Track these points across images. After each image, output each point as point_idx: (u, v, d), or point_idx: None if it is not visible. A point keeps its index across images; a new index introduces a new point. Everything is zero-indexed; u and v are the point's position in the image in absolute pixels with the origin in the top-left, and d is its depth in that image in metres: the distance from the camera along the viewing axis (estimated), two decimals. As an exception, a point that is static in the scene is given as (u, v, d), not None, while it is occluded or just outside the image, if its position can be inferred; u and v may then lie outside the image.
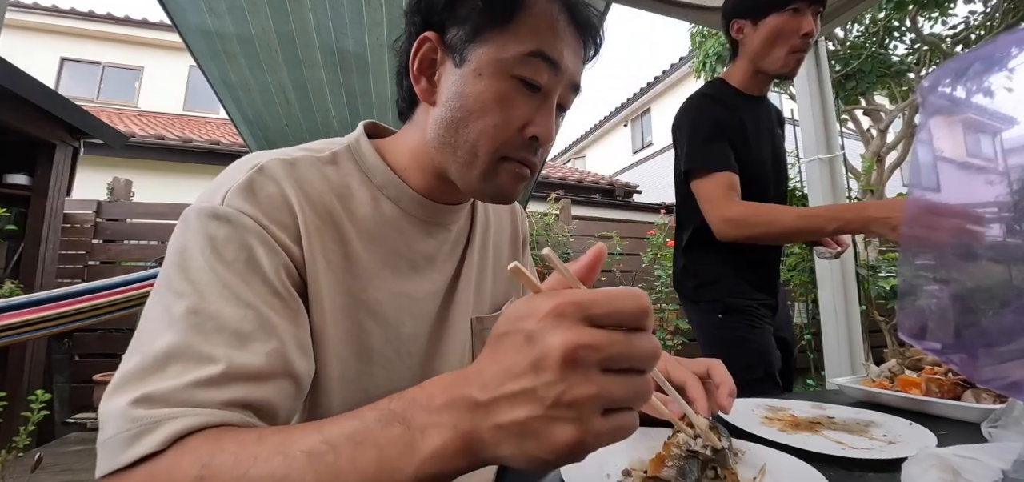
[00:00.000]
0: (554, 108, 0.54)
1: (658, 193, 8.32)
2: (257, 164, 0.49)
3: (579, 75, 0.56)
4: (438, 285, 0.61)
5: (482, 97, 0.51)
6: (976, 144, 0.58)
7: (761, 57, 1.25)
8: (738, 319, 1.26)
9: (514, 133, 0.52)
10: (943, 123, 0.59)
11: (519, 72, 0.51)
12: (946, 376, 0.78)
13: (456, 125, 0.53)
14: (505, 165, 0.54)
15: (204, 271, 0.42)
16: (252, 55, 2.43)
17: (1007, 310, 0.50)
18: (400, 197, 0.58)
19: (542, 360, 0.28)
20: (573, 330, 0.28)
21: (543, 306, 0.29)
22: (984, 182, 0.58)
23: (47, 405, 2.36)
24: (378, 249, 0.56)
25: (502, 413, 0.29)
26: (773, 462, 0.52)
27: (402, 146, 0.60)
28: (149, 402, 0.36)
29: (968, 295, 0.57)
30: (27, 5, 8.78)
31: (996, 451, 0.45)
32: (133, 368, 0.39)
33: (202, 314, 0.41)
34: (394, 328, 0.56)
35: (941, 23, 4.85)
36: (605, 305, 0.29)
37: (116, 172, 4.58)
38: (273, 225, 0.47)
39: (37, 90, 3.13)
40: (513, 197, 0.57)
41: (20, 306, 2.17)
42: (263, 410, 0.41)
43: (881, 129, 5.50)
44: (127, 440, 0.35)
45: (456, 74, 0.53)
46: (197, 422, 0.36)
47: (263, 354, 0.41)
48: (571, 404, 0.28)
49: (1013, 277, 0.51)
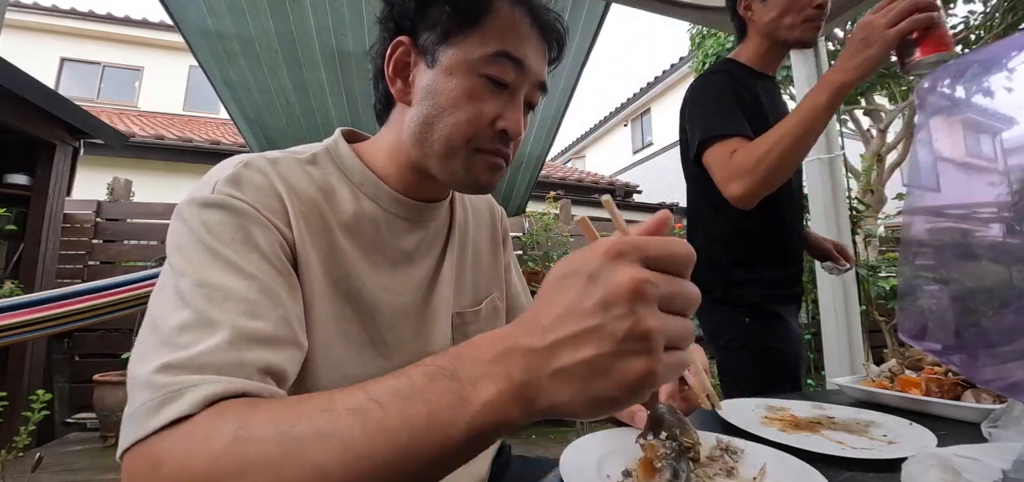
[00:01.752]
0: (521, 104, 0.58)
1: (658, 193, 8.32)
2: (244, 159, 0.52)
3: (544, 74, 0.60)
4: (417, 280, 0.63)
5: (453, 94, 0.55)
6: (976, 144, 0.58)
7: (776, 27, 1.17)
8: (766, 324, 1.17)
9: (485, 126, 0.56)
10: (943, 123, 0.59)
11: (486, 71, 0.55)
12: (946, 376, 0.78)
13: (431, 121, 0.56)
14: (479, 156, 0.57)
15: (203, 252, 0.44)
16: (253, 55, 2.43)
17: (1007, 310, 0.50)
18: (378, 195, 0.61)
19: (611, 296, 0.29)
20: (636, 268, 0.29)
21: (603, 247, 0.30)
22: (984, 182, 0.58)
23: (47, 405, 2.36)
24: (359, 241, 0.58)
25: (565, 356, 0.30)
26: (773, 462, 0.52)
27: (379, 147, 0.63)
28: (173, 369, 0.37)
29: (968, 295, 0.57)
30: (27, 5, 8.78)
31: (996, 451, 0.45)
32: (151, 342, 0.39)
33: (209, 285, 0.42)
34: (371, 317, 0.58)
35: (941, 23, 4.84)
36: (661, 248, 0.31)
37: (116, 172, 4.59)
38: (264, 208, 0.49)
39: (37, 90, 3.13)
40: (490, 186, 0.60)
41: (20, 306, 2.17)
42: (279, 376, 0.42)
43: (881, 129, 5.50)
44: (155, 406, 0.35)
45: (429, 74, 0.57)
46: (225, 389, 0.36)
47: (273, 320, 0.43)
48: (643, 336, 0.29)
49: (1013, 277, 0.51)
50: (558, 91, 2.97)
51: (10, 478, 2.30)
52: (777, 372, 1.14)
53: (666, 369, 0.29)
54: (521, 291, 0.83)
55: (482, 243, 0.76)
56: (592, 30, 2.46)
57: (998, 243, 0.57)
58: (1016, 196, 0.52)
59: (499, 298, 0.76)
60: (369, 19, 2.18)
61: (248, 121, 3.06)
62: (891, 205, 5.39)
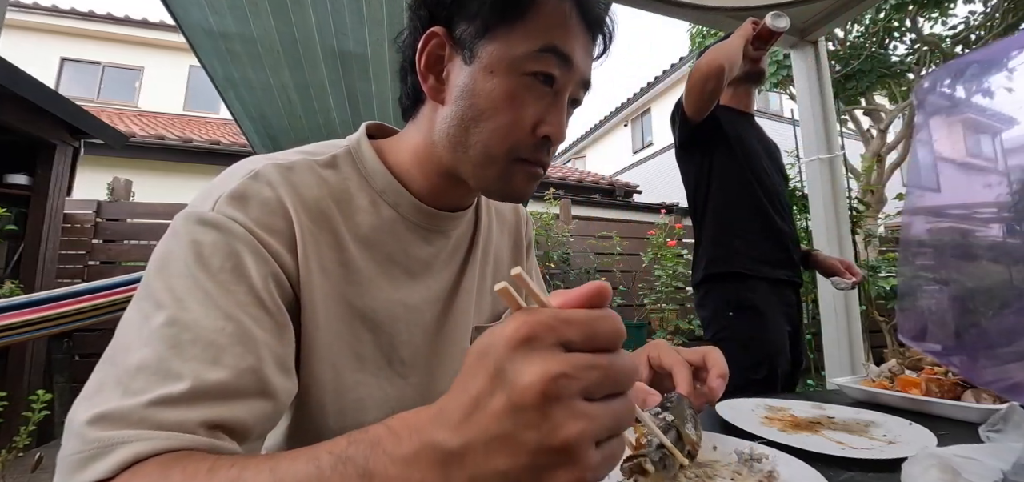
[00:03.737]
0: (565, 106, 0.53)
1: (658, 193, 8.32)
2: (252, 170, 0.48)
3: (590, 72, 0.55)
4: (435, 292, 0.60)
5: (493, 95, 0.50)
6: (976, 144, 0.58)
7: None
8: (750, 316, 1.26)
9: (527, 133, 0.51)
10: (943, 123, 0.59)
11: (531, 68, 0.50)
12: (946, 376, 0.78)
13: (467, 124, 0.51)
14: (519, 166, 0.53)
15: (185, 278, 0.41)
16: (255, 55, 2.43)
17: (1007, 311, 0.50)
18: (399, 202, 0.57)
19: (518, 399, 0.24)
20: (548, 358, 0.25)
21: (510, 331, 0.25)
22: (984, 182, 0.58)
23: (47, 405, 2.36)
24: (375, 255, 0.55)
25: (478, 462, 0.25)
26: (773, 462, 0.52)
27: (405, 146, 0.59)
28: (106, 421, 0.35)
29: (968, 295, 0.57)
30: (27, 5, 8.77)
31: (996, 451, 0.46)
32: (101, 379, 0.38)
33: (179, 324, 0.39)
34: (388, 336, 0.55)
35: (941, 23, 4.85)
36: (583, 326, 0.26)
37: (116, 172, 4.59)
38: (265, 232, 0.46)
39: (37, 90, 3.13)
40: (526, 196, 0.56)
41: (20, 306, 2.17)
42: (234, 429, 0.39)
43: (881, 129, 5.50)
44: (80, 462, 0.34)
45: (466, 71, 0.51)
46: (151, 448, 0.34)
47: (235, 370, 0.39)
48: (562, 448, 0.24)
49: (1013, 277, 0.51)
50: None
51: (10, 478, 2.30)
52: (758, 356, 1.24)
53: (598, 472, 0.25)
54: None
55: (503, 251, 0.73)
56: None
57: (998, 243, 0.57)
58: (1016, 196, 0.52)
59: None
60: (370, 18, 2.18)
61: (251, 119, 3.07)
62: (891, 205, 5.39)
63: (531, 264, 0.79)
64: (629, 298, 4.72)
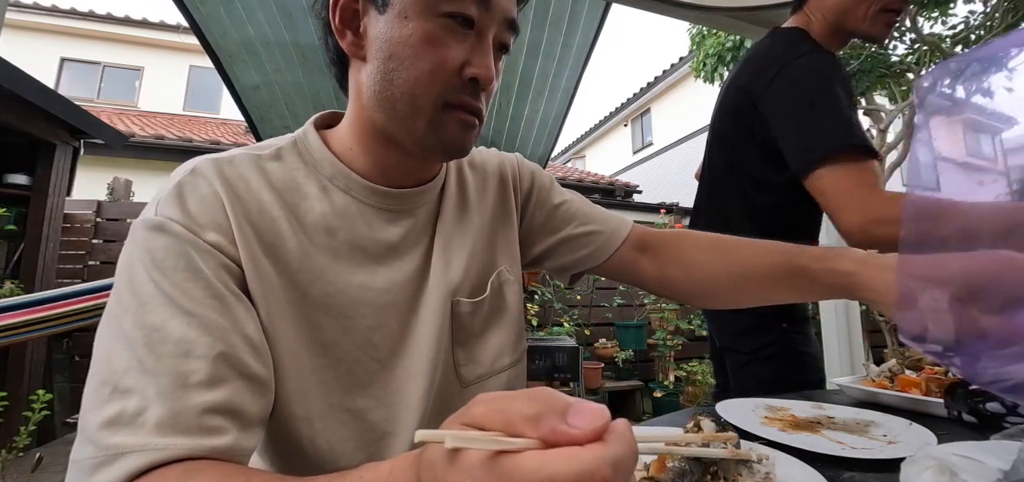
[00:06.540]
0: (490, 47, 0.51)
1: (658, 193, 8.32)
2: (191, 167, 0.49)
3: (513, 10, 0.53)
4: (406, 273, 0.58)
5: (412, 40, 0.48)
6: (976, 144, 0.58)
7: (843, 12, 1.04)
8: (804, 327, 1.14)
9: (452, 75, 0.49)
10: (943, 123, 0.59)
11: (446, 8, 0.48)
12: (946, 376, 0.78)
13: (390, 75, 0.49)
14: (450, 113, 0.51)
15: (147, 284, 0.43)
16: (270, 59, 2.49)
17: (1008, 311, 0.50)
18: (350, 186, 0.55)
19: None
20: None
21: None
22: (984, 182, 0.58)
23: (47, 405, 2.36)
24: (332, 241, 0.53)
25: None
26: (772, 462, 0.52)
27: (345, 125, 0.58)
28: (115, 426, 0.38)
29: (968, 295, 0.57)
30: (27, 5, 8.78)
31: (996, 451, 0.45)
32: (99, 385, 0.40)
33: (148, 327, 0.41)
34: (351, 320, 0.53)
35: (941, 23, 4.85)
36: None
37: (116, 172, 4.59)
38: (204, 227, 0.46)
39: (37, 90, 3.13)
40: (465, 149, 0.54)
41: (20, 306, 2.17)
42: (233, 412, 0.41)
43: (881, 129, 5.50)
44: (94, 466, 0.37)
45: (381, 21, 0.50)
46: (152, 460, 0.37)
47: (208, 359, 0.41)
48: None
49: (1013, 277, 0.51)
50: (560, 91, 2.97)
51: (10, 478, 2.30)
52: (811, 376, 1.10)
53: None
54: (578, 215, 0.75)
55: (487, 214, 0.68)
56: (593, 30, 2.45)
57: (998, 243, 0.57)
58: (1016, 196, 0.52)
59: (510, 269, 0.68)
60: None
61: (261, 123, 3.10)
62: (891, 205, 5.37)
63: (534, 201, 0.74)
64: (629, 298, 4.72)
